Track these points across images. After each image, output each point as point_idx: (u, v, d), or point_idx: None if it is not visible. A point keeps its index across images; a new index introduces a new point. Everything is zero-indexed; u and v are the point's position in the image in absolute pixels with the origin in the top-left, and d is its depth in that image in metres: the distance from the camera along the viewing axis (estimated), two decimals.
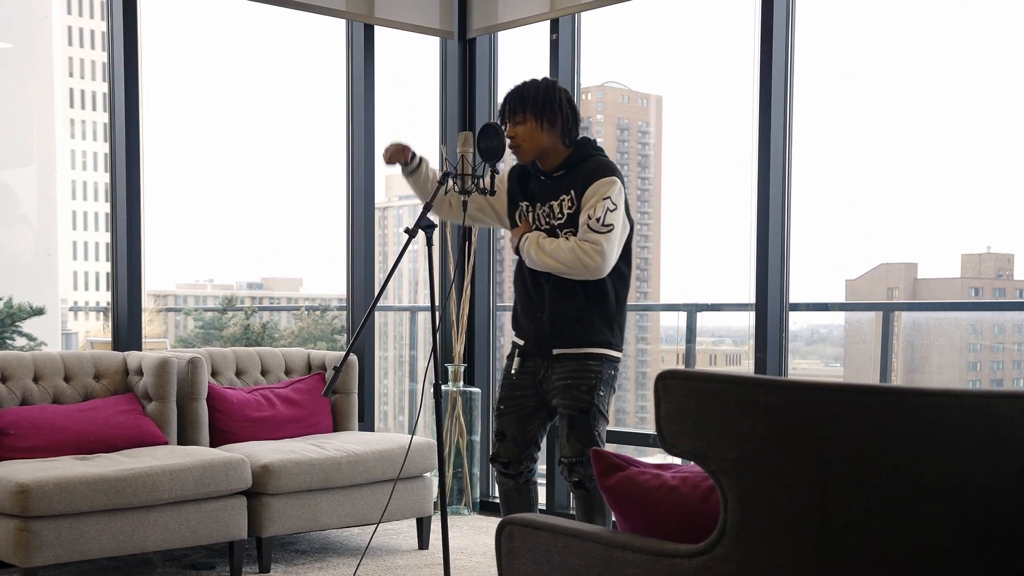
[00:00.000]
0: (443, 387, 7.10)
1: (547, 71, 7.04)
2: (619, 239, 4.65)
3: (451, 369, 7.31)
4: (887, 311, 6.70)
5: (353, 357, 6.81)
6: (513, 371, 4.90)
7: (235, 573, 5.60)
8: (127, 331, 6.43)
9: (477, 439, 7.33)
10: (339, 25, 7.35)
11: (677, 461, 4.57)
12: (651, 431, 6.66)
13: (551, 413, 4.87)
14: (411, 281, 10.93)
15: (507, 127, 4.76)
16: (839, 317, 7.42)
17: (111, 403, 5.83)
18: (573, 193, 4.69)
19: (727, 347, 8.31)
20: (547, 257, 4.64)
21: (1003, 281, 6.94)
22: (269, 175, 12.35)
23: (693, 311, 7.38)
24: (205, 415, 6.09)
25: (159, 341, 10.41)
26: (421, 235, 4.62)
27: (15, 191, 10.74)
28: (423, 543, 6.30)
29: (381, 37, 7.37)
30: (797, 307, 6.30)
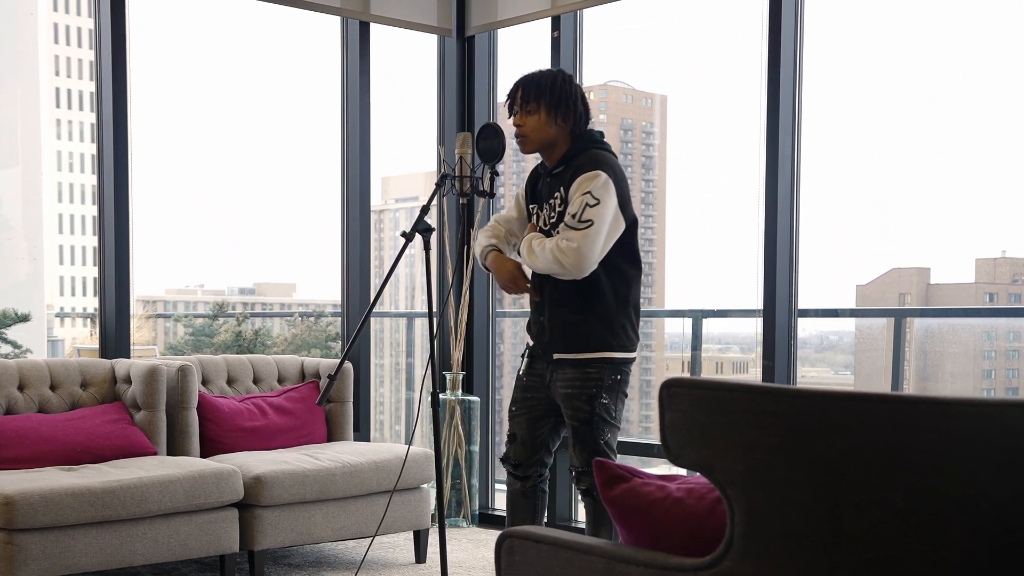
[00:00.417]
0: (441, 396, 7.11)
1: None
2: (602, 235, 4.58)
3: (449, 377, 7.31)
4: (899, 317, 6.69)
5: (348, 365, 6.81)
6: (521, 372, 4.92)
7: None
8: (115, 338, 6.42)
9: (476, 449, 7.33)
10: (334, 22, 7.35)
11: (682, 472, 4.57)
12: (655, 441, 6.65)
13: (563, 418, 4.88)
14: (408, 286, 10.93)
15: (516, 114, 4.74)
16: (849, 324, 7.41)
17: (98, 412, 5.83)
18: (563, 191, 4.69)
19: (734, 354, 8.30)
20: (536, 259, 4.65)
21: (1019, 286, 6.94)
22: (261, 177, 12.36)
23: (699, 317, 7.37)
24: (195, 425, 6.09)
25: (148, 348, 10.43)
26: (418, 239, 4.62)
27: None
28: (420, 557, 6.30)
29: (377, 35, 7.37)
30: (806, 313, 6.30)
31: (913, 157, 6.81)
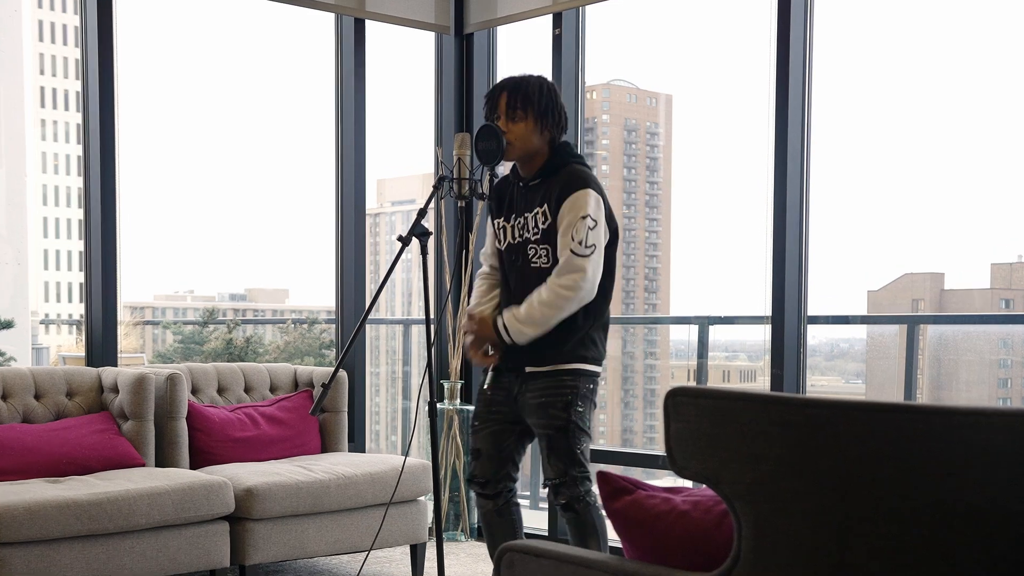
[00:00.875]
0: (438, 405, 7.11)
1: (549, 68, 7.04)
2: (602, 255, 4.69)
3: (447, 386, 7.31)
4: (912, 324, 6.70)
5: (343, 373, 6.81)
6: (486, 386, 4.94)
7: None
8: (102, 345, 6.43)
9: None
10: (328, 19, 7.36)
11: (688, 484, 4.58)
12: (660, 452, 6.66)
13: (528, 430, 4.89)
14: (404, 292, 10.95)
15: (501, 121, 4.75)
16: (861, 331, 7.42)
17: (84, 422, 5.83)
18: (547, 207, 4.70)
19: (741, 363, 8.31)
20: (534, 325, 4.67)
21: None
22: (253, 179, 12.37)
23: (705, 324, 7.38)
24: (185, 435, 6.09)
25: (136, 356, 10.43)
26: (415, 243, 4.62)
27: None
28: (417, 571, 6.30)
29: (372, 32, 7.38)
30: (816, 320, 6.30)
31: (926, 158, 6.81)
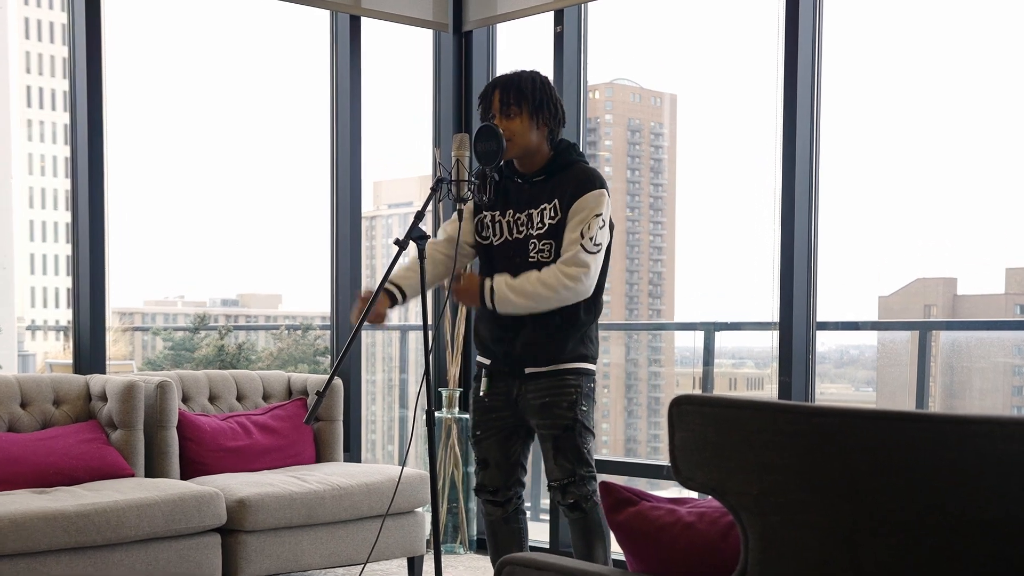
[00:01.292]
0: (437, 414, 7.11)
1: (551, 67, 7.05)
2: (603, 255, 4.75)
3: (445, 394, 7.32)
4: (924, 330, 6.70)
5: (338, 381, 6.81)
6: (482, 392, 4.94)
7: None
8: (90, 352, 6.43)
9: (473, 471, 7.33)
10: (322, 16, 7.36)
11: (693, 495, 4.58)
12: (664, 462, 6.66)
13: (531, 432, 4.90)
14: None
15: (496, 119, 4.78)
16: (871, 337, 7.42)
17: (72, 431, 5.83)
18: (557, 203, 4.73)
19: (748, 370, 8.31)
20: (524, 298, 4.68)
21: None
22: (246, 181, 12.37)
23: (711, 330, 7.38)
24: (175, 444, 6.09)
25: (125, 363, 10.43)
26: (412, 247, 4.63)
27: None
28: None
29: (368, 30, 7.38)
30: (825, 326, 6.30)
31: (939, 160, 6.81)
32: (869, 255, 7.10)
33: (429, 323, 4.74)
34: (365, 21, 7.33)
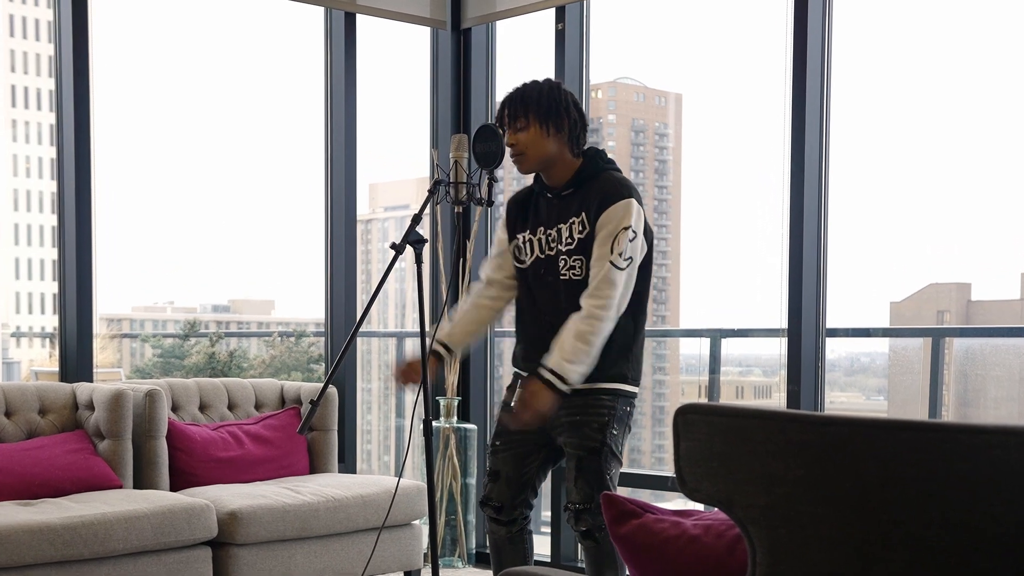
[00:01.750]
0: (434, 423, 7.10)
1: (552, 66, 7.05)
2: (636, 268, 4.68)
3: (443, 403, 7.31)
4: (937, 337, 6.70)
5: (332, 389, 6.81)
6: (513, 404, 4.88)
7: None
8: (76, 360, 6.43)
9: (472, 482, 7.32)
10: (316, 13, 7.36)
11: (699, 507, 4.58)
12: (669, 473, 6.65)
13: (554, 454, 4.86)
14: (398, 303, 10.95)
15: (507, 134, 4.75)
16: (882, 344, 7.42)
17: (58, 441, 5.83)
18: (585, 216, 4.68)
19: (756, 378, 8.31)
20: (584, 355, 4.59)
21: None
22: (237, 183, 12.37)
23: (717, 337, 7.38)
24: (165, 455, 6.09)
25: (113, 371, 10.43)
26: (409, 251, 4.63)
27: None
28: None
29: (364, 27, 7.39)
30: (835, 333, 6.30)
31: (953, 161, 6.81)
32: (880, 259, 7.10)
33: (426, 329, 4.74)
34: (360, 18, 7.33)
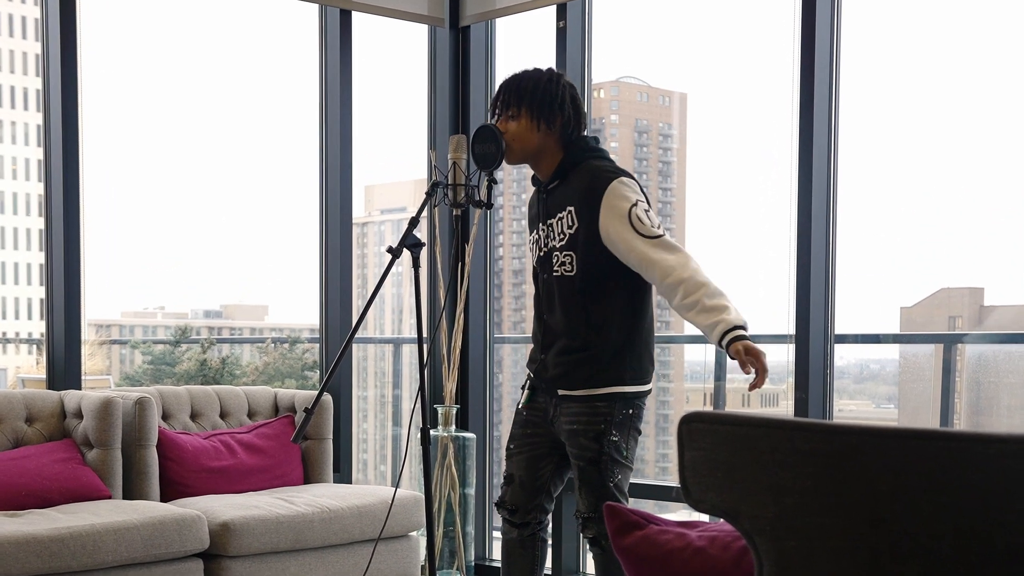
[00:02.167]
0: (432, 432, 7.10)
1: (553, 64, 7.04)
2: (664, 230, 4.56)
3: (441, 411, 7.31)
4: (949, 343, 6.70)
5: (327, 397, 6.81)
6: (521, 405, 4.92)
7: None
8: (64, 367, 6.43)
9: (471, 492, 7.32)
10: (311, 10, 7.37)
11: (704, 518, 4.58)
12: (674, 483, 6.65)
13: (567, 458, 4.87)
14: (395, 309, 10.95)
15: (497, 118, 4.74)
16: (893, 350, 7.41)
17: (45, 451, 5.83)
18: (572, 210, 4.66)
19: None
20: (722, 299, 4.46)
21: None
22: (230, 185, 12.37)
23: None
24: (155, 464, 6.09)
25: (102, 379, 10.43)
26: (406, 255, 4.63)
27: None
28: None
29: (360, 24, 7.39)
30: (844, 339, 6.30)
31: (965, 162, 6.81)
32: (890, 263, 7.09)
33: (424, 335, 4.74)
34: (356, 16, 7.33)
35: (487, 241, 7.46)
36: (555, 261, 4.71)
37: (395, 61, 8.71)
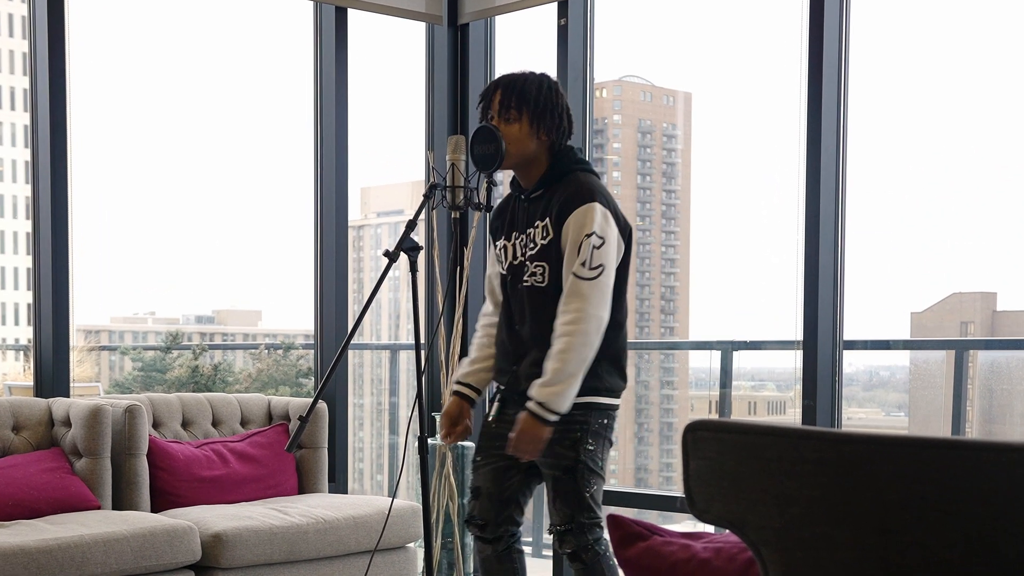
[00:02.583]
0: (430, 441, 7.10)
1: (554, 63, 7.05)
2: (612, 276, 4.63)
3: (439, 419, 7.31)
4: (960, 350, 6.70)
5: (322, 405, 6.81)
6: (491, 418, 4.92)
7: None
8: (52, 374, 6.43)
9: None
10: (305, 8, 7.37)
11: (710, 529, 4.58)
12: (678, 493, 6.66)
13: (537, 469, 4.87)
14: (392, 314, 10.95)
15: (491, 119, 4.74)
16: (903, 357, 7.42)
17: (33, 460, 5.83)
18: (548, 222, 4.67)
19: (769, 392, 8.32)
20: (569, 376, 4.55)
21: None
22: (223, 187, 12.37)
23: (728, 350, 7.38)
24: (145, 474, 6.09)
25: (91, 386, 10.42)
26: (404, 259, 4.63)
27: None
28: None
29: (356, 22, 7.39)
30: (853, 345, 6.30)
31: (976, 164, 6.82)
32: (901, 267, 7.10)
33: (422, 342, 4.75)
34: (352, 13, 7.33)
35: (486, 244, 7.45)
36: (526, 271, 4.71)
37: (392, 60, 8.72)
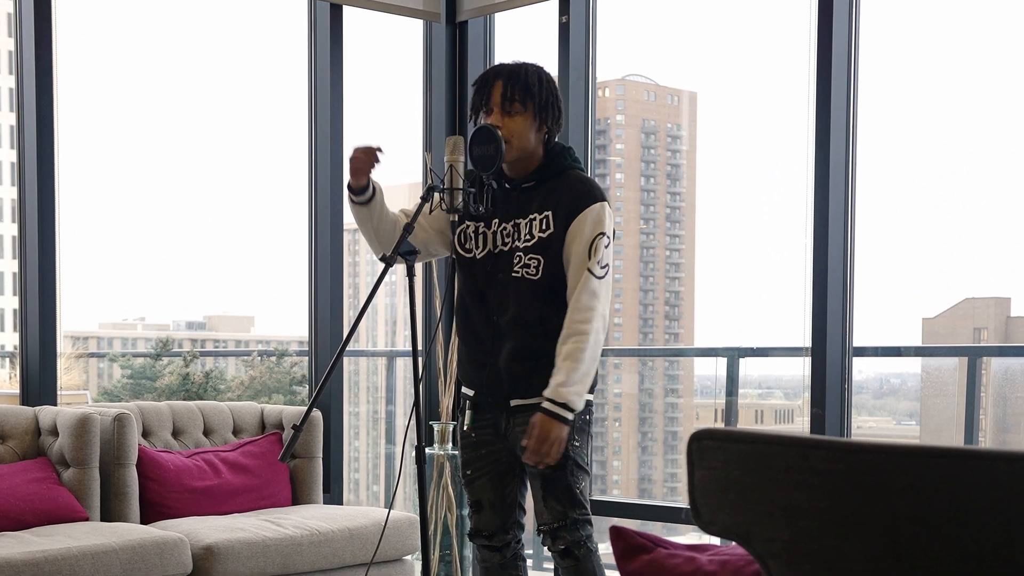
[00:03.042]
0: (428, 450, 7.10)
1: (555, 61, 7.04)
2: (612, 274, 4.75)
3: (437, 428, 7.31)
4: (973, 356, 6.70)
5: (317, 413, 6.81)
6: (466, 428, 4.92)
7: None
8: (39, 381, 6.43)
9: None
10: (299, 5, 7.38)
11: (715, 541, 4.58)
12: (683, 504, 6.65)
13: (524, 470, 4.88)
14: (388, 320, 10.95)
15: (493, 114, 4.74)
16: (914, 364, 7.42)
17: (19, 470, 5.83)
18: (550, 215, 4.69)
19: (776, 401, 8.32)
20: (584, 374, 4.62)
21: None
22: (215, 190, 12.37)
23: (735, 357, 7.38)
24: (135, 484, 6.09)
25: (78, 394, 10.43)
26: (400, 264, 4.63)
27: None
28: None
29: (351, 20, 7.39)
30: (863, 352, 6.30)
31: (989, 167, 6.82)
32: (912, 272, 7.10)
33: (419, 348, 4.74)
34: (348, 10, 7.33)
35: None
36: (517, 262, 4.72)
37: (389, 59, 8.72)
